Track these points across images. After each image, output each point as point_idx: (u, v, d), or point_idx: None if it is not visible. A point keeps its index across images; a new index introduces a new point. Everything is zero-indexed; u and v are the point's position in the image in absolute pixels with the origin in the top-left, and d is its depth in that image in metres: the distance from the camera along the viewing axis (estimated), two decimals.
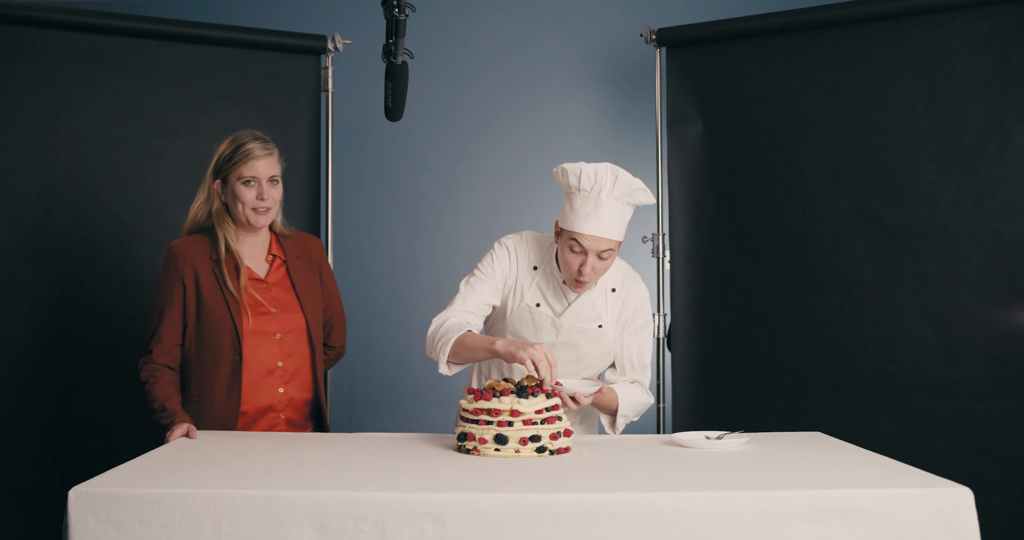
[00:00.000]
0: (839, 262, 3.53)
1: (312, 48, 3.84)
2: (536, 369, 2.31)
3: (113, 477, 1.94)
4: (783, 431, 2.62)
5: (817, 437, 2.49)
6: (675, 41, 3.87)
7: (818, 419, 3.42)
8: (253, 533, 1.77)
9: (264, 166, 2.71)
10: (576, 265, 2.52)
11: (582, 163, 2.56)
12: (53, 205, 3.44)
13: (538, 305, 2.63)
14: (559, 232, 2.60)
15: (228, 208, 2.75)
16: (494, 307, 2.69)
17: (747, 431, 2.47)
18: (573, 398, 2.41)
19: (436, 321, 2.57)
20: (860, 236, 3.51)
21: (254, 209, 2.71)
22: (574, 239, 2.51)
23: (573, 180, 2.53)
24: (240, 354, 2.65)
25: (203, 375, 2.68)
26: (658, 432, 3.84)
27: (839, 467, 2.09)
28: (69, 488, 1.80)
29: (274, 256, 2.80)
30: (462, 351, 2.49)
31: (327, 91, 3.87)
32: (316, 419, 2.84)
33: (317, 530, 1.77)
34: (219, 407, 2.66)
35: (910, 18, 3.44)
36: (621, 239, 2.57)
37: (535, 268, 2.66)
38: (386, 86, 3.40)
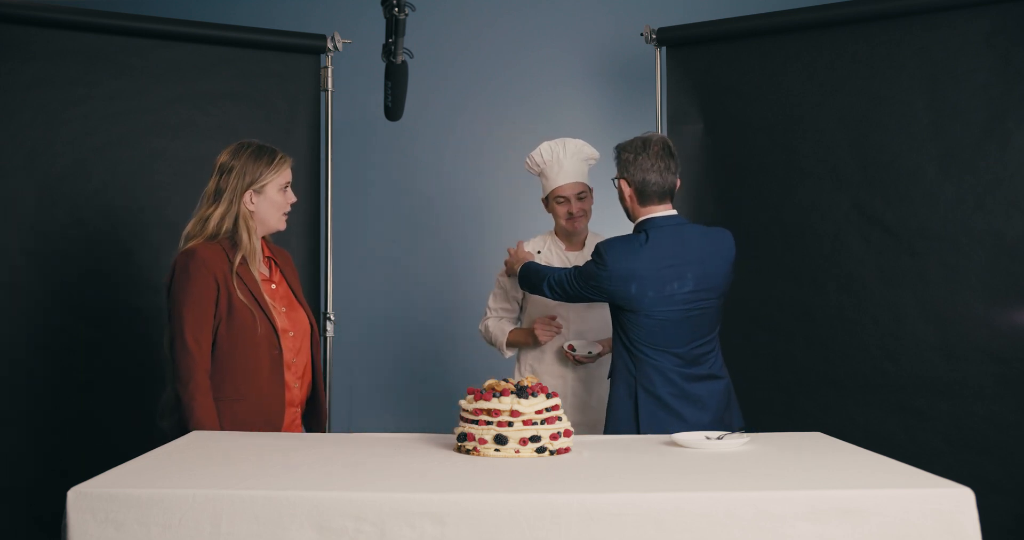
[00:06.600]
0: (840, 262, 3.53)
1: (312, 48, 3.83)
2: (552, 330, 3.20)
3: (112, 477, 1.93)
4: (783, 431, 2.62)
5: (817, 437, 2.49)
6: (675, 41, 3.86)
7: (818, 419, 3.41)
8: (253, 533, 1.77)
9: (291, 171, 2.74)
10: (564, 211, 3.24)
11: (540, 146, 3.24)
12: (53, 205, 3.44)
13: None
14: (546, 201, 3.30)
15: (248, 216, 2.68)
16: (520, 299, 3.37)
17: (747, 431, 2.46)
18: (577, 359, 3.10)
19: (480, 326, 3.41)
20: (861, 236, 3.51)
21: (284, 213, 2.72)
22: (559, 195, 3.22)
23: (539, 158, 3.23)
24: (280, 348, 2.64)
25: (242, 372, 2.61)
26: None
27: (839, 467, 2.08)
28: (68, 488, 1.80)
29: (269, 258, 2.79)
30: (515, 344, 3.33)
31: (327, 91, 3.87)
32: (308, 418, 2.81)
33: (317, 530, 1.76)
34: (264, 401, 2.62)
35: (910, 18, 3.44)
36: (588, 184, 3.27)
37: (538, 252, 3.29)
38: (386, 86, 3.40)
